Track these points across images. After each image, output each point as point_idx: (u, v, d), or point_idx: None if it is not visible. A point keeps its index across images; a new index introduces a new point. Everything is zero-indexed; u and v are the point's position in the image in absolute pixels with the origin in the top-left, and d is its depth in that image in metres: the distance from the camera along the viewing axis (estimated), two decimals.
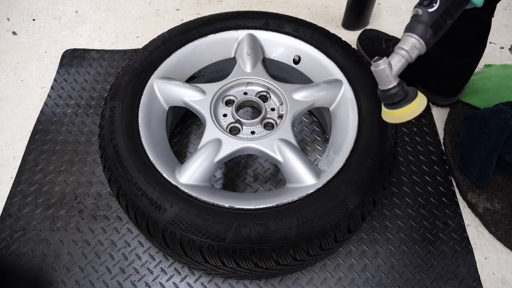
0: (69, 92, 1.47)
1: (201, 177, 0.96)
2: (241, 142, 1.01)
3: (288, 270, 1.02)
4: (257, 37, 1.21)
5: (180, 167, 0.97)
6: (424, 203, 1.21)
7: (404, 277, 1.09)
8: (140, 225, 0.89)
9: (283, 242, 0.83)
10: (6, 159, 1.32)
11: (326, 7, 1.78)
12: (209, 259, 0.85)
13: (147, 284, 1.07)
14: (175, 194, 0.89)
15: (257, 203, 0.88)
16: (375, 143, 0.97)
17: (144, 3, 1.81)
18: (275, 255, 0.83)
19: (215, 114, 1.08)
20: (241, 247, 0.83)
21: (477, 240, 1.16)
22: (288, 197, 0.90)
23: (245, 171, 1.26)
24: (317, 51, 1.17)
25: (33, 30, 1.71)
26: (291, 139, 1.01)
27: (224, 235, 0.83)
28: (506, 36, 1.68)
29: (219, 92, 1.12)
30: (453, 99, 1.36)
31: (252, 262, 0.84)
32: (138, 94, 1.06)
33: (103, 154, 0.98)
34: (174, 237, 0.84)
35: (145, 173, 0.92)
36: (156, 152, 0.98)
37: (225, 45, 1.22)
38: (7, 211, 1.20)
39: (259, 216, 0.86)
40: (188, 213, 0.86)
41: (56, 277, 1.09)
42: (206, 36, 1.19)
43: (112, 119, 1.01)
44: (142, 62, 1.13)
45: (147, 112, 1.05)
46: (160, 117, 1.11)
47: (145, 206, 0.87)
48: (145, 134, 1.00)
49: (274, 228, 0.84)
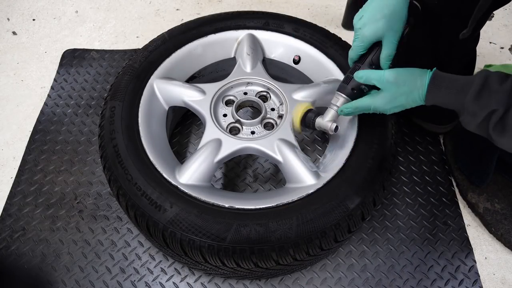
0: (69, 92, 1.47)
1: (201, 177, 0.96)
2: (241, 142, 1.01)
3: (288, 270, 1.02)
4: (257, 37, 1.21)
5: (180, 167, 0.97)
6: (424, 203, 1.21)
7: (404, 277, 1.09)
8: (140, 225, 0.89)
9: (283, 242, 0.83)
10: (6, 159, 1.32)
11: (326, 7, 1.78)
12: (209, 259, 0.85)
13: (147, 284, 1.07)
14: (175, 194, 0.89)
15: (257, 203, 0.89)
16: (374, 143, 0.97)
17: (144, 3, 1.81)
18: (275, 255, 0.83)
19: (215, 114, 1.08)
20: (241, 247, 0.83)
21: (477, 240, 1.16)
22: (288, 197, 0.90)
23: (245, 171, 1.26)
24: (317, 51, 1.17)
25: (33, 30, 1.71)
26: (291, 139, 1.01)
27: (224, 235, 0.83)
28: (506, 36, 1.68)
29: (219, 92, 1.12)
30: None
31: (252, 262, 0.84)
32: (138, 94, 1.06)
33: (103, 154, 0.98)
34: (174, 237, 0.85)
35: (145, 173, 0.92)
36: (156, 152, 0.98)
37: (225, 45, 1.22)
38: (7, 211, 1.20)
39: (259, 216, 0.86)
40: (188, 213, 0.86)
41: (56, 277, 1.09)
42: (206, 36, 1.20)
43: (112, 119, 1.01)
44: (142, 62, 1.13)
45: (147, 112, 1.05)
46: (160, 117, 1.11)
47: (145, 206, 0.87)
48: (145, 134, 1.00)
49: (274, 228, 0.84)
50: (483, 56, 1.60)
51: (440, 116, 1.30)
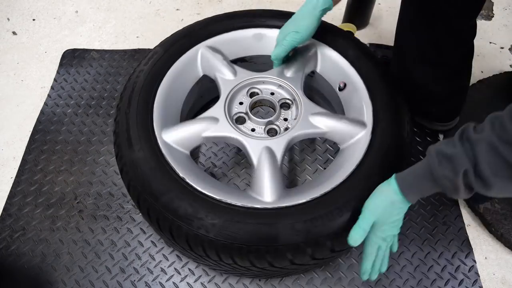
0: (69, 92, 1.48)
1: (183, 143, 0.99)
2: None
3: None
4: (319, 49, 1.16)
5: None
6: (424, 203, 1.21)
7: (404, 277, 1.09)
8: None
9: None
10: (6, 159, 1.32)
11: None
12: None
13: (147, 284, 1.07)
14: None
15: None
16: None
17: (144, 3, 1.81)
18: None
19: (231, 98, 1.10)
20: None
21: (477, 240, 1.16)
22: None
23: (245, 171, 1.26)
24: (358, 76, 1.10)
25: (33, 30, 1.71)
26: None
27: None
28: (506, 36, 1.68)
29: (248, 81, 1.13)
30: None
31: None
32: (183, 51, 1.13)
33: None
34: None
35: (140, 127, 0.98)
36: (160, 108, 1.02)
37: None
38: (7, 211, 1.20)
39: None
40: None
41: (56, 277, 1.09)
42: (271, 28, 1.20)
43: (154, 64, 1.09)
44: (201, 27, 1.19)
45: (179, 68, 1.11)
46: (190, 81, 1.16)
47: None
48: (162, 89, 1.05)
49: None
50: (483, 56, 1.60)
51: (441, 114, 1.30)
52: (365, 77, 1.07)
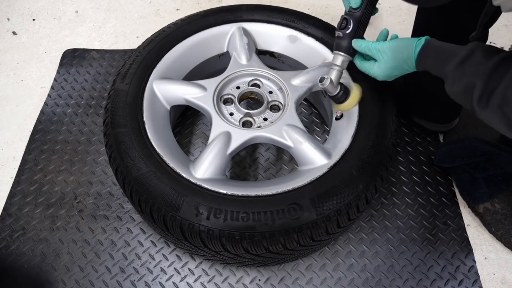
0: (69, 92, 1.48)
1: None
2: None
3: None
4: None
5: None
6: (424, 203, 1.21)
7: (404, 277, 1.09)
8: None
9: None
10: (6, 159, 1.32)
11: (326, 7, 1.78)
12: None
13: (146, 283, 1.07)
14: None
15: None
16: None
17: (144, 3, 1.81)
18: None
19: (232, 79, 1.15)
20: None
21: (477, 240, 1.16)
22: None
23: (245, 171, 1.26)
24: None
25: (33, 30, 1.71)
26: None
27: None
28: (506, 36, 1.68)
29: (255, 71, 1.17)
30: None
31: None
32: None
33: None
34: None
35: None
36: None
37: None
38: (7, 210, 1.20)
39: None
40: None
41: (56, 276, 1.09)
42: (307, 36, 1.23)
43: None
44: (245, 9, 1.24)
45: (206, 35, 1.19)
46: (212, 51, 1.22)
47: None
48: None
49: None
50: None
51: (441, 115, 1.30)
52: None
